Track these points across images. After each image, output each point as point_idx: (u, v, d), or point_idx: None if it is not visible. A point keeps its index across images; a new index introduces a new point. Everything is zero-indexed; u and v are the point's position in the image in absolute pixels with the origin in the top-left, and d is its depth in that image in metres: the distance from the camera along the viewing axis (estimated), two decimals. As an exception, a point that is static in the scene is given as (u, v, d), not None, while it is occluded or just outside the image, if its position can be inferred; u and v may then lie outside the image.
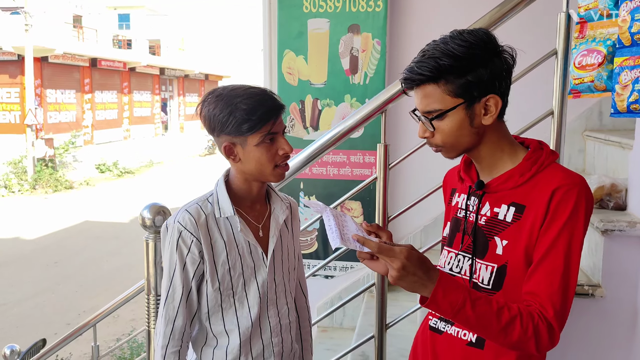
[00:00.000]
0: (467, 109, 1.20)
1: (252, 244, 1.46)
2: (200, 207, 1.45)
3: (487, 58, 1.19)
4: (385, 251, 1.08)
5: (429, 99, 1.21)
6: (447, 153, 1.27)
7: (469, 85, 1.18)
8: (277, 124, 1.41)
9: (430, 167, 3.15)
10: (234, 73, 34.33)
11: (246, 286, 1.46)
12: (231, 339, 1.47)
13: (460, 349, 1.29)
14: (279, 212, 1.53)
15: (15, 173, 17.26)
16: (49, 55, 19.00)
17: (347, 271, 3.53)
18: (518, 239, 1.21)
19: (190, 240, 1.41)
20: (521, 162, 1.25)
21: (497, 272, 1.23)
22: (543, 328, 1.12)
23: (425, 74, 1.19)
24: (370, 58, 3.33)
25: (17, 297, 8.03)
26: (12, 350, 3.31)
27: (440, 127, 1.22)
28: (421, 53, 1.22)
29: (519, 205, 1.22)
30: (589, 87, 2.02)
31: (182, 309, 1.44)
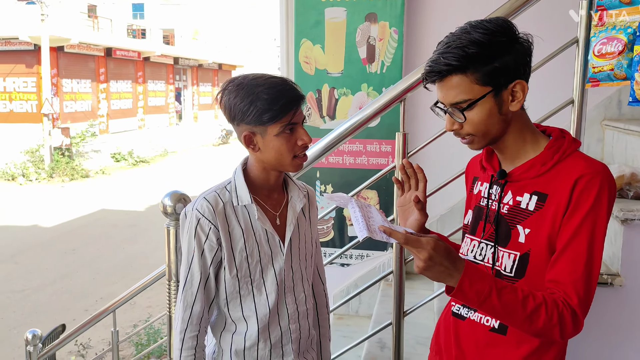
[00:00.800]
0: (496, 96, 1.21)
1: (269, 231, 1.48)
2: (218, 195, 1.46)
3: (510, 44, 1.19)
4: (412, 242, 1.08)
5: (457, 90, 1.21)
6: (476, 144, 1.28)
7: (496, 72, 1.19)
8: (298, 114, 1.42)
9: (447, 156, 3.15)
10: (248, 63, 34.32)
11: (264, 273, 1.48)
12: (249, 325, 1.50)
13: (483, 335, 1.31)
14: (297, 200, 1.54)
15: (32, 162, 17.47)
16: (64, 45, 19.11)
17: (363, 259, 3.55)
18: (541, 227, 1.21)
19: (208, 227, 1.43)
20: (543, 151, 1.25)
21: (519, 260, 1.24)
22: (567, 315, 1.13)
23: (452, 64, 1.18)
24: (388, 47, 3.33)
25: (36, 283, 8.17)
26: (34, 335, 3.38)
27: (470, 117, 1.22)
28: (444, 44, 1.21)
29: (541, 194, 1.23)
30: (608, 75, 2.01)
31: (200, 295, 1.46)
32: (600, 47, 1.93)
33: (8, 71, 18.84)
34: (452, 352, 1.39)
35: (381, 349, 2.54)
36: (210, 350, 1.59)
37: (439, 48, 1.23)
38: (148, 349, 3.90)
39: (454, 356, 1.38)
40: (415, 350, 2.45)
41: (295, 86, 1.43)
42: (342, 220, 3.55)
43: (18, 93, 18.94)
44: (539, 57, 2.07)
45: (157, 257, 8.94)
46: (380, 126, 3.32)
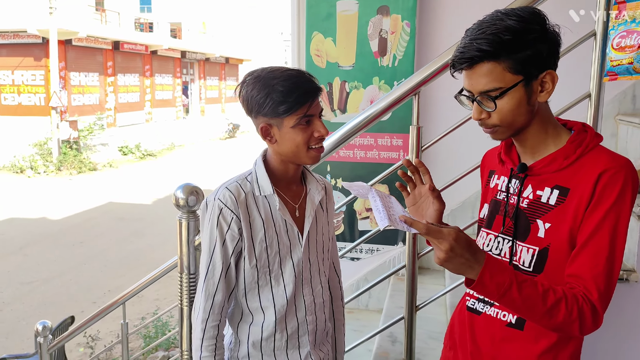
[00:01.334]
0: (526, 86, 1.18)
1: (288, 222, 1.49)
2: (239, 185, 1.47)
3: (543, 33, 1.17)
4: (433, 233, 1.07)
5: (488, 77, 1.17)
6: (500, 134, 1.25)
7: (528, 60, 1.16)
8: (314, 106, 1.42)
9: (459, 150, 3.13)
10: (255, 56, 34.28)
11: (282, 264, 1.49)
12: (267, 316, 1.50)
13: (500, 330, 1.30)
14: (315, 193, 1.55)
15: (40, 154, 17.55)
16: (72, 38, 19.15)
17: (373, 253, 3.54)
18: (562, 221, 1.20)
19: (230, 217, 1.44)
20: (565, 145, 1.24)
21: (538, 254, 1.23)
22: (587, 310, 1.12)
23: (485, 50, 1.15)
24: (400, 40, 3.30)
25: (44, 275, 8.22)
26: (45, 327, 3.38)
27: (499, 106, 1.20)
28: (476, 30, 1.18)
29: (563, 188, 1.21)
30: (627, 69, 1.98)
31: (221, 284, 1.47)
32: (620, 40, 1.91)
33: (16, 64, 18.90)
34: (467, 347, 1.38)
35: (392, 343, 2.53)
36: (227, 340, 1.60)
37: (469, 34, 1.19)
38: (157, 341, 3.91)
39: (469, 351, 1.37)
40: (426, 345, 2.44)
41: (312, 78, 1.43)
42: (352, 215, 3.54)
43: (26, 86, 19.01)
44: (555, 50, 2.05)
45: (165, 250, 8.97)
46: (392, 120, 3.30)
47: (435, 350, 2.41)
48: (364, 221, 3.54)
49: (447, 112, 3.16)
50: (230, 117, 28.38)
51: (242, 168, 1.65)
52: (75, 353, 5.91)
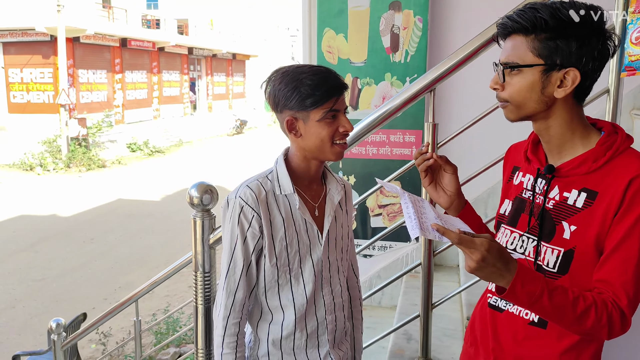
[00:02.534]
0: (544, 73, 1.18)
1: (308, 222, 1.49)
2: (260, 184, 1.47)
3: (585, 33, 1.15)
4: (465, 242, 1.06)
5: (514, 50, 1.19)
6: (509, 112, 1.25)
7: (555, 49, 1.15)
8: (340, 102, 1.43)
9: (474, 147, 3.11)
10: (262, 52, 34.26)
11: (302, 263, 1.49)
12: (286, 315, 1.50)
13: (522, 328, 1.29)
14: (335, 192, 1.55)
15: (49, 152, 17.65)
16: (80, 36, 19.22)
17: (386, 250, 3.53)
18: (589, 225, 1.18)
19: (251, 215, 1.44)
20: (595, 147, 1.21)
21: (563, 256, 1.22)
22: (616, 316, 1.12)
23: (520, 23, 1.17)
24: (412, 36, 3.28)
25: (56, 272, 8.27)
26: (58, 324, 3.41)
27: (511, 82, 1.20)
28: (527, 3, 1.21)
29: (591, 191, 1.19)
30: (646, 64, 1.96)
31: (242, 282, 1.48)
32: (639, 34, 1.88)
33: (25, 62, 19.00)
34: (489, 345, 1.37)
35: (407, 340, 2.53)
36: (247, 339, 1.60)
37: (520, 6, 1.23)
38: (169, 339, 3.93)
39: (491, 348, 1.36)
40: (442, 342, 2.43)
41: (338, 75, 1.45)
42: (364, 212, 3.53)
43: (35, 84, 19.10)
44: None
45: (174, 247, 9.01)
46: (404, 116, 3.28)
47: (451, 348, 2.40)
48: (377, 218, 3.53)
49: (461, 109, 3.14)
50: (237, 113, 28.40)
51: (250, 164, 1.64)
52: (87, 350, 5.95)
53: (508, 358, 1.32)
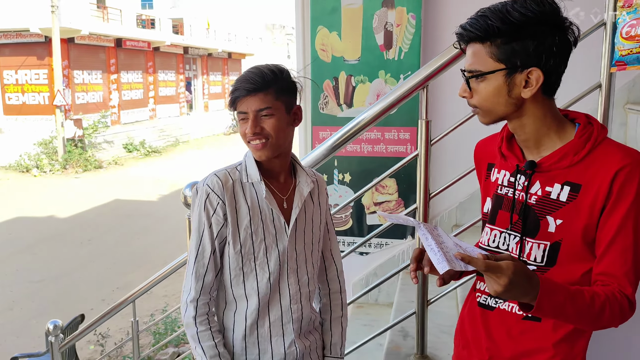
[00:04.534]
0: (507, 76, 1.18)
1: (275, 212, 1.53)
2: (228, 173, 1.54)
3: (541, 30, 1.15)
4: (492, 268, 1.05)
5: (474, 58, 1.21)
6: (482, 117, 1.27)
7: (513, 52, 1.16)
8: (244, 105, 1.47)
9: (468, 143, 3.11)
10: (257, 51, 34.21)
11: (268, 252, 1.53)
12: (250, 303, 1.55)
13: (516, 323, 1.30)
14: (304, 185, 1.59)
15: (46, 153, 17.62)
16: (75, 37, 19.16)
17: (382, 248, 3.54)
18: (575, 217, 1.20)
19: (216, 202, 1.50)
20: (574, 140, 1.22)
21: (550, 248, 1.23)
22: (626, 305, 1.16)
23: (474, 32, 1.18)
24: (405, 33, 3.28)
25: (53, 273, 8.26)
26: (56, 326, 3.40)
27: (478, 89, 1.22)
28: (483, 9, 1.20)
29: (574, 184, 1.20)
30: (636, 58, 1.96)
31: (210, 265, 1.53)
32: (629, 29, 1.88)
33: (20, 63, 18.94)
34: (482, 344, 1.36)
35: (404, 337, 2.53)
36: None
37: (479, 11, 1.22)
38: (167, 339, 3.93)
39: (485, 348, 1.35)
40: (438, 339, 2.44)
41: (254, 76, 1.46)
42: (360, 209, 3.53)
43: (30, 85, 19.05)
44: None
45: (172, 247, 9.00)
46: (398, 113, 3.28)
47: (447, 344, 2.41)
48: (372, 215, 3.53)
49: (455, 105, 3.13)
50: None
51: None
52: (85, 351, 5.95)
53: (504, 355, 1.32)
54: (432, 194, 2.20)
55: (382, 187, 3.46)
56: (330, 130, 3.42)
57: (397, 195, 3.47)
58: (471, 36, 1.19)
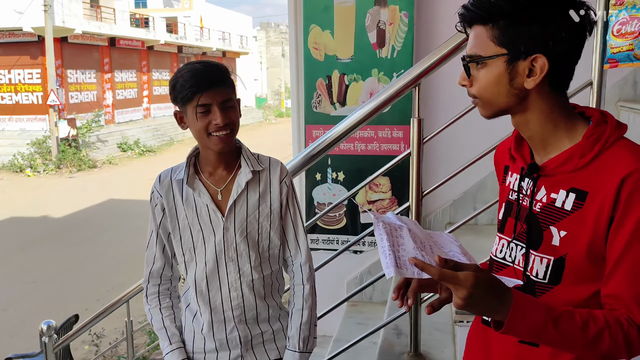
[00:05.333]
0: (509, 63, 1.06)
1: (208, 205, 1.60)
2: (171, 170, 1.66)
3: (549, 12, 1.03)
4: (448, 278, 0.95)
5: (475, 41, 1.10)
6: (481, 108, 1.15)
7: (517, 36, 1.04)
8: (208, 97, 1.50)
9: (460, 141, 3.12)
10: (252, 49, 34.17)
11: (206, 242, 1.62)
12: (193, 288, 1.66)
13: (513, 347, 1.18)
14: (242, 176, 1.62)
15: (39, 153, 17.55)
16: (68, 36, 19.10)
17: (376, 246, 3.54)
18: (580, 230, 1.06)
19: (157, 197, 1.64)
20: (581, 140, 1.07)
21: (554, 264, 1.10)
22: (634, 334, 1.02)
23: (475, 12, 1.08)
24: (398, 31, 3.28)
25: (47, 274, 8.23)
26: (49, 326, 3.39)
27: (477, 76, 1.11)
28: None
29: (580, 191, 1.06)
30: (627, 55, 1.98)
31: (158, 255, 1.68)
32: (620, 26, 1.90)
33: (13, 63, 18.86)
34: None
35: (397, 335, 2.54)
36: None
37: None
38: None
39: None
40: (432, 337, 2.44)
41: (213, 70, 1.52)
42: (354, 208, 3.53)
43: (23, 85, 18.98)
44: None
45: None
46: (392, 112, 3.29)
47: (441, 342, 2.41)
48: (366, 214, 3.53)
49: (448, 104, 3.14)
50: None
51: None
52: (80, 351, 5.93)
53: None
54: (424, 192, 2.21)
55: (375, 185, 3.46)
56: (324, 129, 3.42)
57: (391, 194, 3.47)
58: (473, 16, 1.08)
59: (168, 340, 1.67)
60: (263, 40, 39.12)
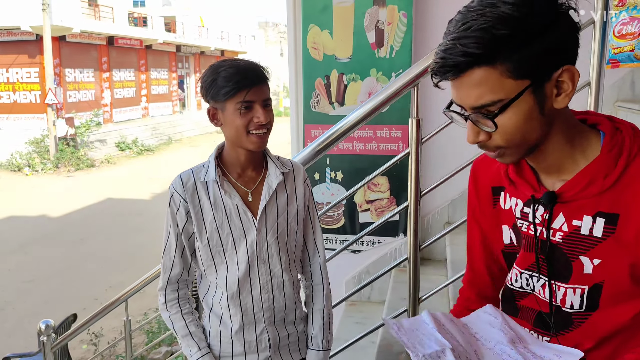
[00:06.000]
0: (536, 91, 0.88)
1: (239, 206, 1.57)
2: (192, 172, 1.61)
3: (554, 16, 0.87)
4: None
5: (482, 88, 0.88)
6: (509, 157, 0.96)
7: (536, 58, 0.86)
8: (253, 93, 1.48)
9: (459, 141, 3.12)
10: (250, 48, 34.15)
11: (236, 244, 1.59)
12: (223, 291, 1.62)
13: None
14: (273, 177, 1.61)
15: (37, 152, 17.53)
16: (66, 35, 19.06)
17: (375, 245, 3.54)
18: (617, 255, 0.95)
19: (179, 201, 1.59)
20: (600, 156, 0.94)
21: (589, 292, 0.99)
22: None
23: (474, 53, 0.86)
24: (397, 31, 3.29)
25: (46, 273, 8.23)
26: (47, 325, 3.38)
27: (501, 123, 0.90)
28: (460, 24, 0.88)
29: (609, 215, 0.94)
30: (628, 56, 1.98)
31: (177, 260, 1.64)
32: (621, 27, 1.90)
33: (11, 62, 18.82)
34: None
35: (396, 335, 2.54)
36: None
37: (452, 30, 0.89)
38: (160, 337, 3.92)
39: None
40: (430, 336, 2.45)
41: (258, 68, 1.51)
42: (352, 207, 3.54)
43: (21, 84, 18.94)
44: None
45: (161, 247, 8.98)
46: (391, 111, 3.29)
47: (439, 341, 2.42)
48: (365, 213, 3.54)
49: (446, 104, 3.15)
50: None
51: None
52: (78, 350, 5.93)
53: None
54: (423, 192, 2.21)
55: (374, 185, 3.47)
56: (322, 129, 3.42)
57: (390, 193, 3.48)
58: (471, 60, 0.87)
59: (197, 346, 1.63)
60: (262, 39, 39.09)
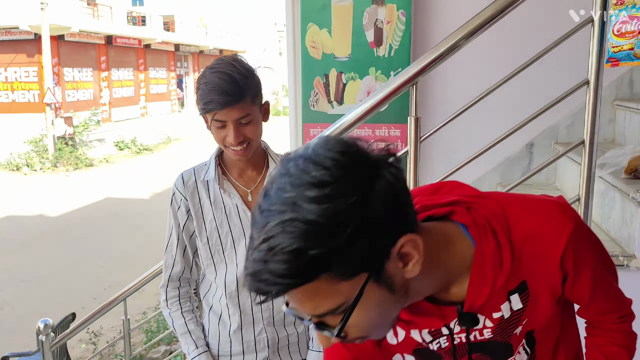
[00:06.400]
0: (379, 279, 0.78)
1: (239, 206, 1.58)
2: (194, 171, 1.63)
3: (367, 188, 0.74)
4: None
5: (314, 300, 0.76)
6: (377, 335, 0.89)
7: (364, 251, 0.74)
8: (224, 114, 1.46)
9: (458, 140, 3.13)
10: (249, 48, 34.13)
11: (235, 244, 1.60)
12: (221, 290, 1.64)
13: None
14: None
15: (36, 151, 17.50)
16: (65, 34, 19.03)
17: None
18: (536, 309, 0.96)
19: (180, 199, 1.62)
20: (480, 260, 0.89)
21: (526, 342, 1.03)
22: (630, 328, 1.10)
23: (287, 282, 0.72)
24: (395, 30, 3.29)
25: (44, 272, 8.22)
26: (46, 324, 3.38)
27: (352, 323, 0.80)
28: (261, 239, 0.72)
29: (518, 287, 0.93)
30: (628, 55, 1.99)
31: (179, 258, 1.67)
32: (620, 26, 1.91)
33: (9, 61, 18.79)
34: None
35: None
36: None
37: (255, 242, 0.73)
38: (159, 336, 3.93)
39: None
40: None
41: (232, 86, 1.42)
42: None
43: (20, 83, 18.91)
44: (552, 37, 2.04)
45: (164, 245, 8.97)
46: (389, 110, 3.28)
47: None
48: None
49: (445, 102, 3.15)
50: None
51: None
52: (77, 350, 5.93)
53: None
54: (421, 191, 2.21)
55: (373, 183, 3.46)
56: (321, 127, 3.42)
57: (388, 192, 3.48)
58: (286, 286, 0.73)
59: (194, 344, 1.64)
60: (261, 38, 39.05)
